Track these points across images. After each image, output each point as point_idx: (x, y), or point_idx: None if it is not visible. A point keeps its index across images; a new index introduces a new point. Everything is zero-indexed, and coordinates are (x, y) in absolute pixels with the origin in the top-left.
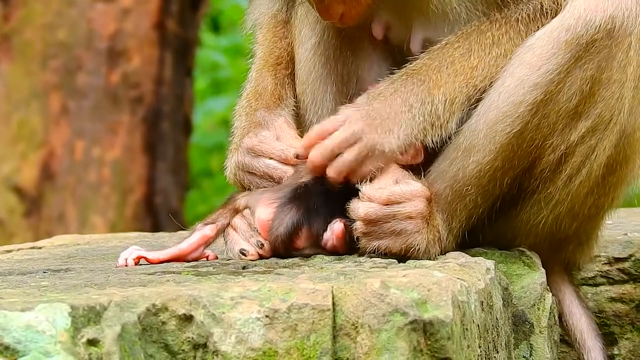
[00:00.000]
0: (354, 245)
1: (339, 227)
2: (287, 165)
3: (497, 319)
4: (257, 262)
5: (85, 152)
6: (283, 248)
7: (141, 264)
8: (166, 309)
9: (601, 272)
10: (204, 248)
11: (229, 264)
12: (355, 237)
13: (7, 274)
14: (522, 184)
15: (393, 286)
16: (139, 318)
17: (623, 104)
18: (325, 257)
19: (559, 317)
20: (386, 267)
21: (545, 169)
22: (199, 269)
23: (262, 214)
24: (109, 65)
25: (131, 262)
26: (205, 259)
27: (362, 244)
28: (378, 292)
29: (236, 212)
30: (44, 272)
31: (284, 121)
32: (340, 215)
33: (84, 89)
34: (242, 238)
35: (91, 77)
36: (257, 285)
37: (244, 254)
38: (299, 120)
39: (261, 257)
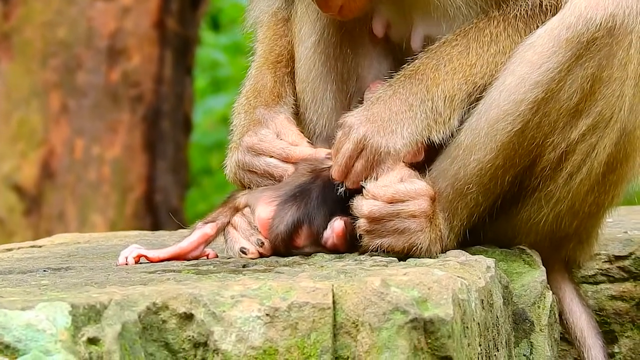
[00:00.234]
0: (355, 244)
1: (339, 225)
2: (288, 163)
3: (497, 317)
4: (257, 260)
5: (85, 151)
6: (283, 246)
7: (141, 263)
8: (166, 307)
9: (601, 270)
10: (204, 246)
11: (230, 263)
12: (357, 235)
13: (8, 273)
14: (522, 182)
15: (393, 284)
16: (139, 317)
17: (624, 102)
18: (325, 256)
19: (560, 315)
20: (386, 266)
21: (546, 167)
22: (199, 268)
23: (262, 213)
24: (109, 63)
25: (131, 260)
26: (205, 257)
27: (364, 242)
28: (378, 291)
29: (236, 210)
30: (44, 270)
31: (284, 118)
32: (341, 213)
33: (84, 87)
34: (243, 236)
35: (91, 75)
36: (257, 284)
37: (244, 253)
38: (298, 119)
39: (261, 256)
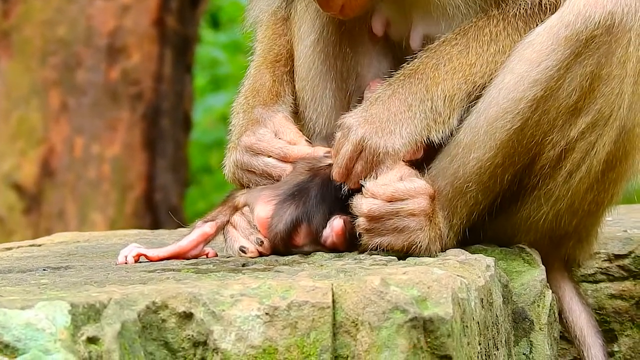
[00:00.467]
0: (354, 242)
1: (338, 223)
2: (286, 162)
3: (497, 316)
4: (256, 259)
5: (84, 149)
6: (282, 245)
7: (141, 262)
8: (166, 306)
9: (601, 269)
10: (204, 245)
11: (229, 262)
12: (357, 234)
13: (7, 272)
14: (522, 180)
15: (393, 283)
16: (138, 316)
17: (623, 100)
18: (325, 255)
19: (559, 314)
20: (386, 265)
21: (545, 165)
22: (198, 267)
23: (261, 212)
24: (109, 62)
25: (131, 259)
26: (205, 256)
27: (364, 241)
28: (378, 290)
29: (236, 209)
30: (44, 269)
31: (282, 117)
32: (340, 212)
33: (84, 85)
34: (242, 235)
35: (91, 73)
36: (257, 283)
37: (243, 252)
38: (297, 117)
39: (261, 255)
